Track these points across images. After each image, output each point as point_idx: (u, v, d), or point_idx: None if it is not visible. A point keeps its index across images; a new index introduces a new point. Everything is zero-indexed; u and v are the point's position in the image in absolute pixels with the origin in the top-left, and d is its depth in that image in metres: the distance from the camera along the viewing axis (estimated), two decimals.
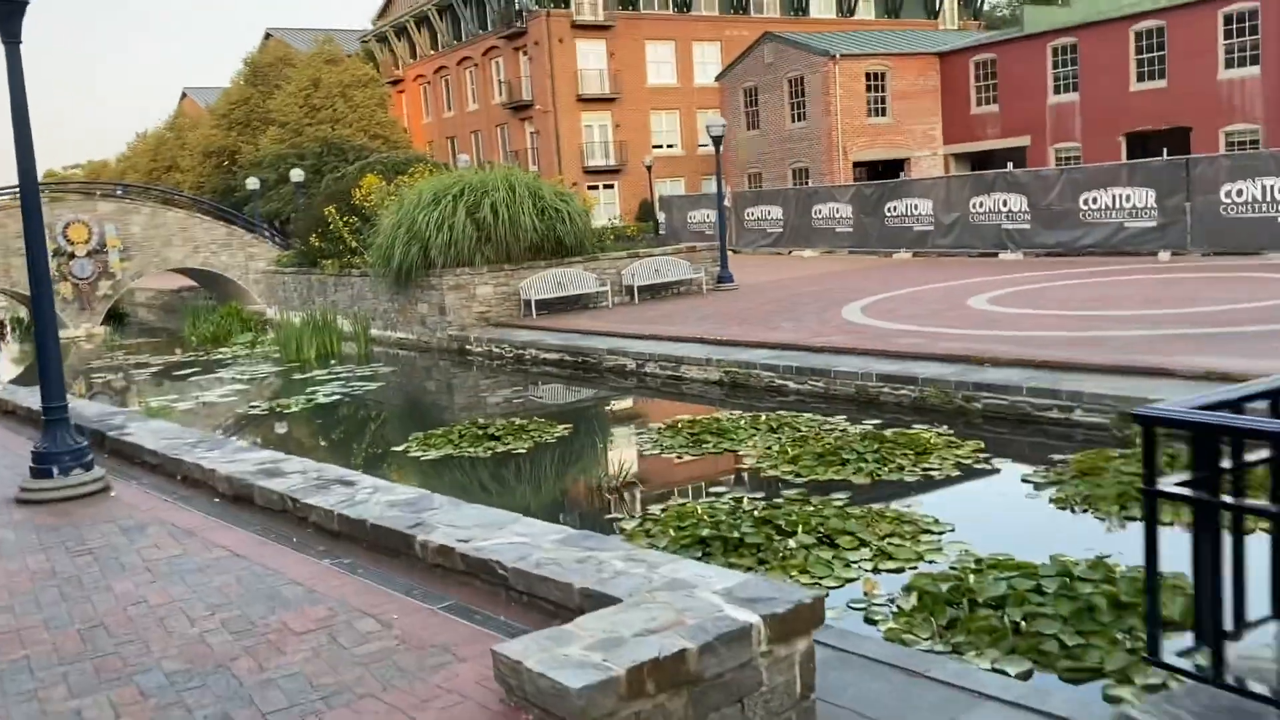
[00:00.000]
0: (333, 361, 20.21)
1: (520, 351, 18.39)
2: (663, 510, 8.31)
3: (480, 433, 11.84)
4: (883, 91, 36.99)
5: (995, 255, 24.64)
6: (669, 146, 50.04)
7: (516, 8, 48.73)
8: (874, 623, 5.89)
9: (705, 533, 7.32)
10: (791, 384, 13.07)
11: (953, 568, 6.54)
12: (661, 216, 39.48)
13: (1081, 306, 15.28)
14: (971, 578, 6.16)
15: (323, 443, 13.84)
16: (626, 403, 14.87)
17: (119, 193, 37.03)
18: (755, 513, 7.85)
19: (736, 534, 7.24)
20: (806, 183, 36.87)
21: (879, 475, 8.95)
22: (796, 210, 31.31)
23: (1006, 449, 9.75)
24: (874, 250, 28.42)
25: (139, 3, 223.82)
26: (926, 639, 5.59)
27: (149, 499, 7.07)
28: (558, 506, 9.50)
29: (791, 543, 7.14)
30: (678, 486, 9.55)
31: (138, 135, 79.73)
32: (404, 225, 20.91)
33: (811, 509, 7.89)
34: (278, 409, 15.16)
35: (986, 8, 59.10)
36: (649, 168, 44.23)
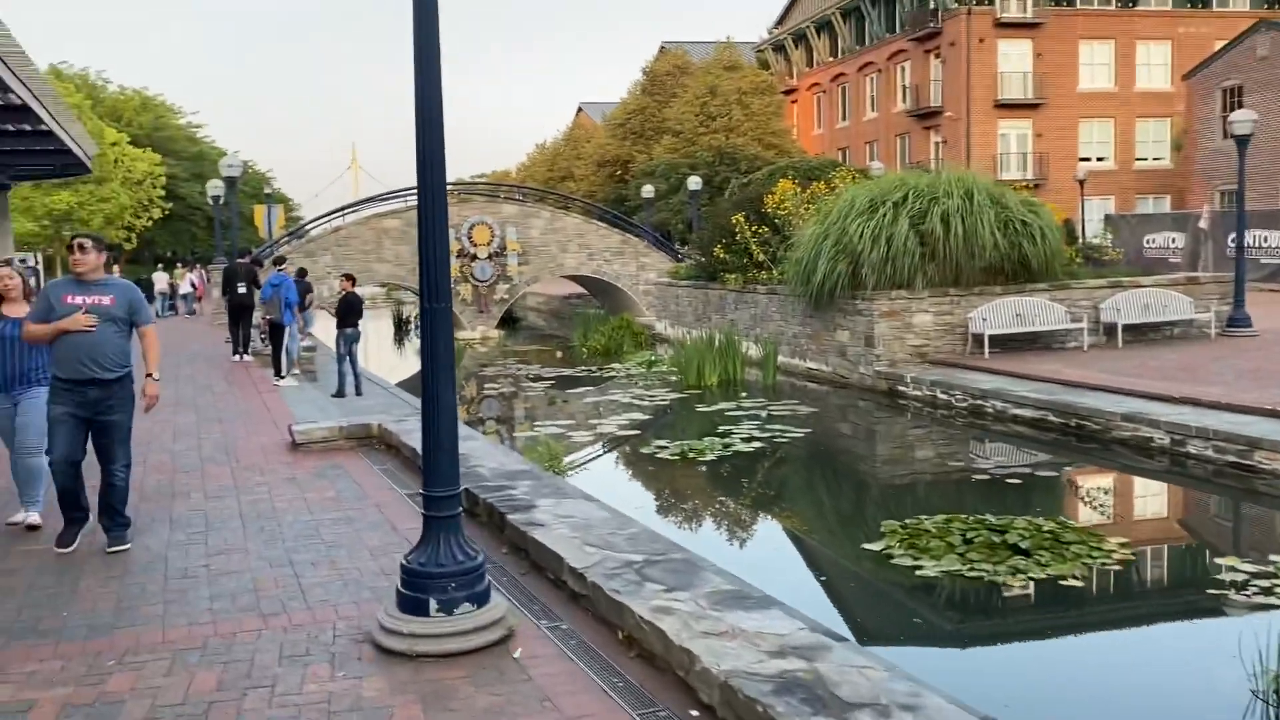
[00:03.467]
0: (743, 395, 17.27)
1: (978, 402, 14.42)
2: None
3: (996, 539, 8.11)
4: None
5: None
6: (1098, 160, 43.44)
7: (932, 7, 44.38)
8: None
9: None
10: None
11: None
12: (1099, 238, 33.50)
13: None
14: None
15: (764, 521, 10.65)
16: (1181, 500, 10.53)
17: (519, 196, 37.10)
18: None
19: None
20: None
21: None
22: None
23: None
24: None
25: (535, 25, 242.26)
26: None
27: (577, 686, 4.04)
28: None
29: None
30: None
31: (536, 146, 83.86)
32: (830, 236, 17.62)
33: None
34: (690, 455, 12.30)
35: None
36: (1081, 182, 38.20)
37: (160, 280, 35.49)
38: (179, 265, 43.69)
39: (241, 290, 17.01)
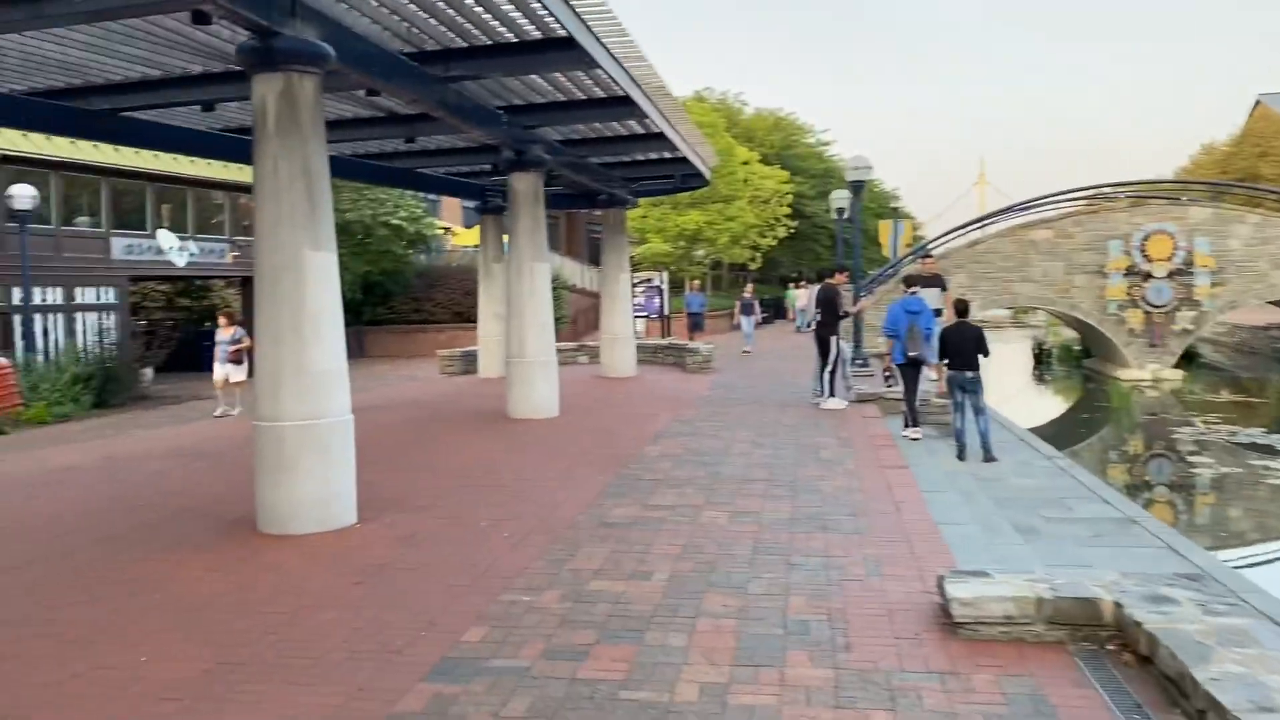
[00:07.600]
0: None
1: None
2: None
3: None
4: None
5: None
6: None
7: None
8: None
9: None
10: None
11: None
12: None
13: None
14: None
15: None
16: None
17: (1212, 196, 29.28)
18: None
19: None
20: None
21: None
22: None
23: None
24: None
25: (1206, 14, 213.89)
26: None
27: None
28: None
29: None
30: None
31: (1201, 147, 71.01)
32: None
33: None
34: None
35: None
36: None
37: (801, 297, 34.43)
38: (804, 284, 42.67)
39: (818, 316, 13.57)
